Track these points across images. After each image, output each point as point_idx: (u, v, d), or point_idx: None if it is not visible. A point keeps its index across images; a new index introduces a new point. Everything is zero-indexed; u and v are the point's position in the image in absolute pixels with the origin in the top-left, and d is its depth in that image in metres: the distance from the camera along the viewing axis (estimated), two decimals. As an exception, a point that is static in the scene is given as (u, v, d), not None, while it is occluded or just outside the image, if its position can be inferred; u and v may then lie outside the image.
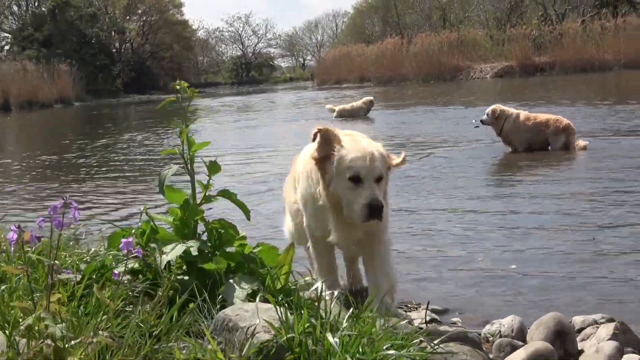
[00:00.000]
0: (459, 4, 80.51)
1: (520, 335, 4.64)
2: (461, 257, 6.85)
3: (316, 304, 3.35)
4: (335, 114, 25.71)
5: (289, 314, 3.18)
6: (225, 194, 4.11)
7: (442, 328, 4.29)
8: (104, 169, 16.09)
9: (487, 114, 13.63)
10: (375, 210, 4.35)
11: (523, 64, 56.90)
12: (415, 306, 5.39)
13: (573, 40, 56.11)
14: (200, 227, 4.16)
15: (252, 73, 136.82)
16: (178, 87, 4.07)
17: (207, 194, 4.08)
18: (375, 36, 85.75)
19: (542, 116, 13.38)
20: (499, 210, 8.63)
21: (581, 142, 12.91)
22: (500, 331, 4.70)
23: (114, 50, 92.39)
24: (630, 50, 53.23)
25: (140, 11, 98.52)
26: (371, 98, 26.31)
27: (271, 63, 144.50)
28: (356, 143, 4.60)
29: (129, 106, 58.89)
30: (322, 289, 3.47)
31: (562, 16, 66.14)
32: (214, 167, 4.04)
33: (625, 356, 4.12)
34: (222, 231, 4.03)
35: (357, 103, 26.18)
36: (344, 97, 40.44)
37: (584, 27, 58.54)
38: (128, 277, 3.84)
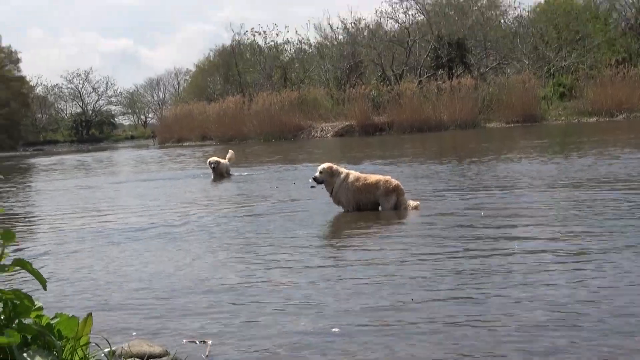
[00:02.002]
0: (300, 64, 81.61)
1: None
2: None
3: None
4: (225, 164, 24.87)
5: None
6: (20, 263, 3.98)
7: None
8: None
9: (320, 172, 13.57)
10: None
11: (363, 123, 58.19)
12: None
13: (410, 101, 57.78)
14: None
15: (92, 131, 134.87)
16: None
17: (1, 263, 3.94)
18: (217, 95, 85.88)
19: (372, 177, 13.52)
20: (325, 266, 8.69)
21: (412, 202, 13.14)
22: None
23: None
24: (465, 110, 55.35)
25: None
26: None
27: (112, 120, 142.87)
28: None
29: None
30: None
31: (399, 77, 67.91)
32: (8, 236, 3.91)
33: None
34: (18, 302, 3.89)
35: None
36: (179, 155, 40.28)
37: (420, 87, 60.40)
38: None
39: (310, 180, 18.82)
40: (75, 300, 7.83)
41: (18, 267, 3.99)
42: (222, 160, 24.98)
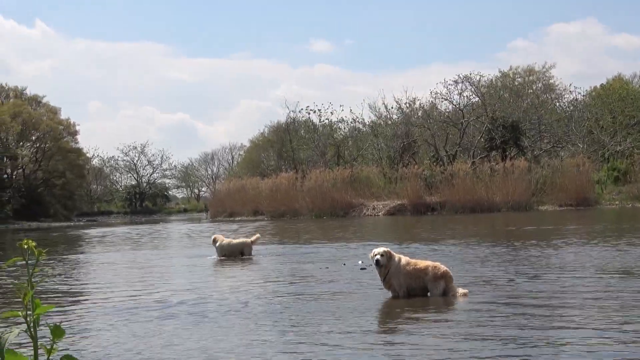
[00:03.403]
0: (354, 142, 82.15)
1: None
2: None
3: None
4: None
5: None
6: (68, 359, 4.01)
7: None
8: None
9: (382, 255, 13.32)
10: None
11: (415, 202, 58.20)
12: None
13: (463, 181, 57.75)
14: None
15: (145, 203, 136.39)
16: (25, 246, 3.93)
17: (49, 358, 3.98)
18: (270, 170, 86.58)
19: (421, 263, 13.43)
20: None
21: (461, 290, 13.03)
22: None
23: (5, 176, 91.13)
24: (518, 192, 55.09)
25: (34, 138, 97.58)
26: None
27: (166, 193, 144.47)
28: None
29: (17, 233, 57.72)
30: None
31: (452, 157, 68.03)
32: (57, 331, 3.95)
33: None
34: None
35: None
36: (226, 232, 40.41)
37: (474, 168, 60.36)
38: None
39: (359, 262, 18.88)
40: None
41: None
42: (225, 240, 24.19)
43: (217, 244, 24.02)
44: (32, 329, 3.87)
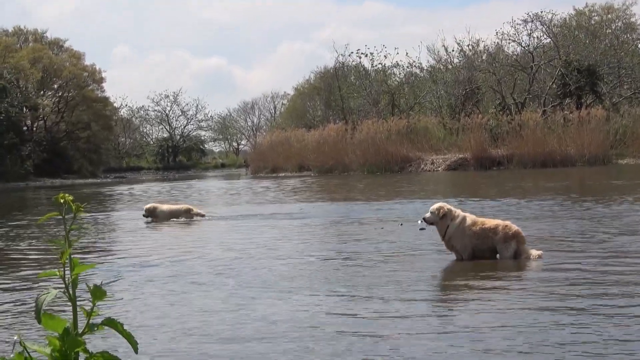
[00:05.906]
0: (410, 89, 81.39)
1: None
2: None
3: None
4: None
5: None
6: (111, 323, 4.03)
7: None
8: None
9: (432, 212, 13.31)
10: None
11: (478, 156, 57.83)
12: None
13: (533, 132, 57.23)
14: None
15: (179, 157, 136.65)
16: (62, 200, 3.94)
17: (90, 322, 4.01)
18: (317, 121, 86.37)
19: (490, 221, 13.29)
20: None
21: (534, 252, 12.91)
22: None
23: (25, 128, 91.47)
24: (594, 144, 54.44)
25: (56, 86, 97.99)
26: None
27: (201, 147, 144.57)
28: None
29: (37, 191, 58.27)
30: None
31: (521, 106, 67.35)
32: (98, 293, 3.98)
33: None
34: (106, 364, 3.93)
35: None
36: (267, 189, 40.37)
37: (545, 118, 59.81)
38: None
39: (419, 222, 18.79)
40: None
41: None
42: (158, 207, 24.67)
43: (158, 210, 24.39)
44: (70, 290, 3.90)
